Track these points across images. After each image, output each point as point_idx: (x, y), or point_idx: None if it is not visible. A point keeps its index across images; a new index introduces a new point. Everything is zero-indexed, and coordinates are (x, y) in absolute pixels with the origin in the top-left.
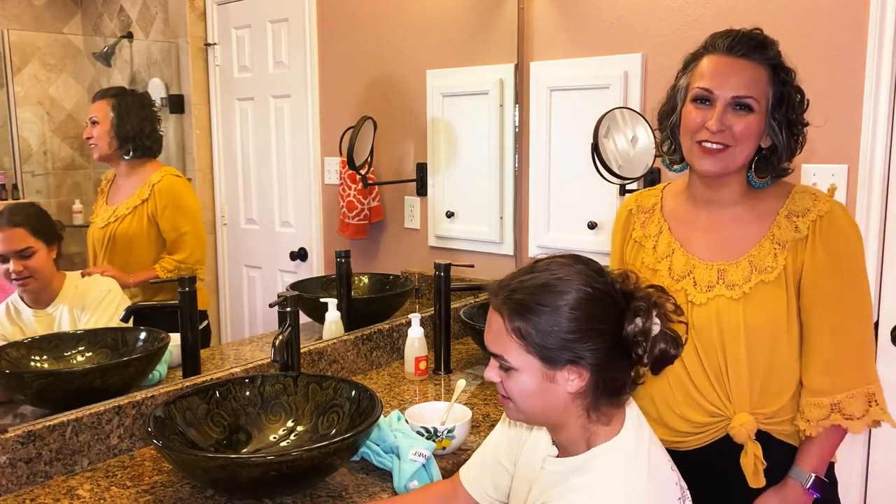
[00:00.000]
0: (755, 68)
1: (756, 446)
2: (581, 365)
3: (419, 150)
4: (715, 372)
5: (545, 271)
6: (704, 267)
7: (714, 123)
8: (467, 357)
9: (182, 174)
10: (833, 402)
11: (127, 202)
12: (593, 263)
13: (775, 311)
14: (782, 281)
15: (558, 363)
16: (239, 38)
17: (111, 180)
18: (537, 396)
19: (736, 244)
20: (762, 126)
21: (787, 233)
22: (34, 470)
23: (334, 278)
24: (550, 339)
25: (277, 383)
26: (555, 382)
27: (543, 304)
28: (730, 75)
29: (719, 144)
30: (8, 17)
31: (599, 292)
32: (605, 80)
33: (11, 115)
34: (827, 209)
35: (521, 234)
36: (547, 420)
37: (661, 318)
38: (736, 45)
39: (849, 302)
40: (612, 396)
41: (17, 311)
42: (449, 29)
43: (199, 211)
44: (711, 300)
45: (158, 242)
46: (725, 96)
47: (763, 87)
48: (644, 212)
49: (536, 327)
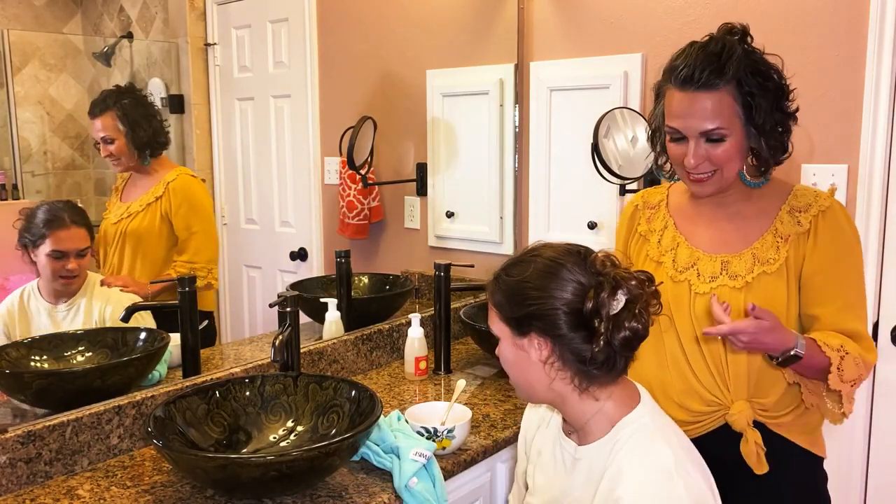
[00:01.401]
0: (716, 96)
1: (755, 433)
2: (542, 334)
3: (419, 150)
4: (715, 360)
5: (527, 252)
6: (708, 259)
7: (690, 160)
8: (467, 357)
9: (196, 175)
10: (843, 346)
11: (141, 199)
12: (576, 246)
13: (776, 301)
14: (784, 272)
15: (523, 331)
16: (239, 38)
17: (127, 178)
18: (516, 365)
19: (739, 237)
20: (740, 144)
21: (789, 227)
22: (34, 470)
23: (334, 278)
24: (514, 308)
25: (277, 383)
26: (525, 351)
27: (511, 276)
28: (693, 112)
29: (704, 173)
30: (8, 17)
31: (561, 266)
32: (605, 80)
33: (11, 115)
34: (828, 205)
35: (521, 234)
36: (538, 392)
37: (628, 297)
38: (691, 78)
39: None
40: (588, 366)
41: (31, 302)
42: (449, 29)
43: (211, 211)
44: (714, 289)
45: (170, 240)
46: (694, 134)
47: (729, 111)
48: (650, 207)
49: (505, 297)
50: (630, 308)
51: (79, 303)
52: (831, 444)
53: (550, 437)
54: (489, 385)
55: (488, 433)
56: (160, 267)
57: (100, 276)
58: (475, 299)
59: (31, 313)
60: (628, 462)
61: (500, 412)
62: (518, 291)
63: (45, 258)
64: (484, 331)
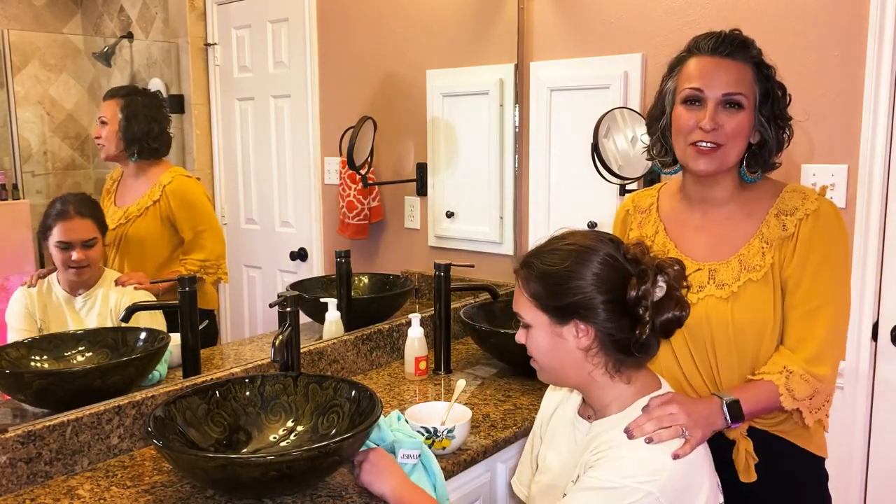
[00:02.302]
0: (740, 67)
1: (747, 441)
2: (585, 321)
3: (419, 150)
4: (706, 369)
5: (559, 239)
6: (696, 268)
7: (707, 122)
8: (467, 357)
9: (191, 174)
10: (786, 367)
11: (138, 203)
12: (606, 234)
13: (762, 309)
14: (769, 279)
15: (564, 319)
16: (239, 38)
17: (118, 180)
18: (551, 352)
19: (727, 243)
20: (751, 123)
21: (775, 231)
22: (34, 470)
23: (334, 278)
24: (555, 297)
25: (277, 383)
26: (563, 338)
27: (548, 264)
28: (718, 74)
29: (712, 144)
30: (8, 17)
31: (603, 255)
32: (605, 80)
33: (11, 115)
34: (814, 208)
35: (521, 234)
36: (570, 378)
37: (668, 284)
38: (720, 46)
39: (829, 298)
40: (626, 355)
41: (53, 290)
42: (449, 29)
43: (212, 208)
44: (702, 300)
45: (172, 242)
46: (716, 95)
47: (749, 85)
48: (641, 212)
49: (543, 286)
50: (670, 294)
51: (96, 294)
52: (831, 444)
53: (566, 418)
54: (489, 385)
55: (488, 433)
56: (163, 269)
57: (112, 271)
58: (475, 299)
59: (51, 301)
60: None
61: (500, 412)
62: (559, 280)
63: (54, 249)
64: (484, 331)
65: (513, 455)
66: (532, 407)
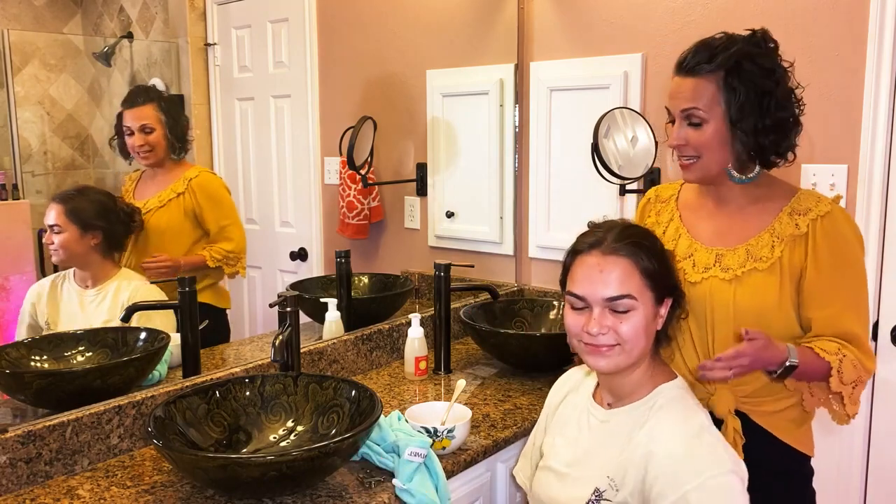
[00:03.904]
0: (699, 82)
1: (735, 420)
2: (666, 302)
3: (419, 150)
4: (703, 346)
5: (628, 223)
6: (704, 250)
7: (672, 140)
8: (467, 357)
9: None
10: (841, 349)
11: (160, 195)
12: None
13: (764, 296)
14: (776, 270)
15: (663, 297)
16: (239, 38)
17: (136, 180)
18: (644, 331)
19: (736, 233)
20: (723, 134)
21: (787, 228)
22: (34, 470)
23: (334, 278)
24: (668, 276)
25: (277, 383)
26: (655, 319)
27: (653, 245)
28: (679, 93)
29: (689, 157)
30: (8, 17)
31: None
32: (605, 80)
33: (11, 115)
34: (827, 210)
35: (521, 234)
36: (637, 358)
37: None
38: (682, 64)
39: (850, 298)
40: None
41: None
42: (449, 29)
43: (234, 205)
44: (706, 280)
45: (192, 236)
46: (678, 112)
47: (709, 98)
48: (661, 202)
49: (658, 264)
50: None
51: (108, 289)
52: (831, 444)
53: (579, 404)
54: (489, 385)
55: (488, 433)
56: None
57: (128, 271)
58: (475, 299)
59: (61, 296)
60: (666, 419)
61: (500, 412)
62: (666, 259)
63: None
64: (484, 331)
65: (513, 455)
66: (532, 407)
